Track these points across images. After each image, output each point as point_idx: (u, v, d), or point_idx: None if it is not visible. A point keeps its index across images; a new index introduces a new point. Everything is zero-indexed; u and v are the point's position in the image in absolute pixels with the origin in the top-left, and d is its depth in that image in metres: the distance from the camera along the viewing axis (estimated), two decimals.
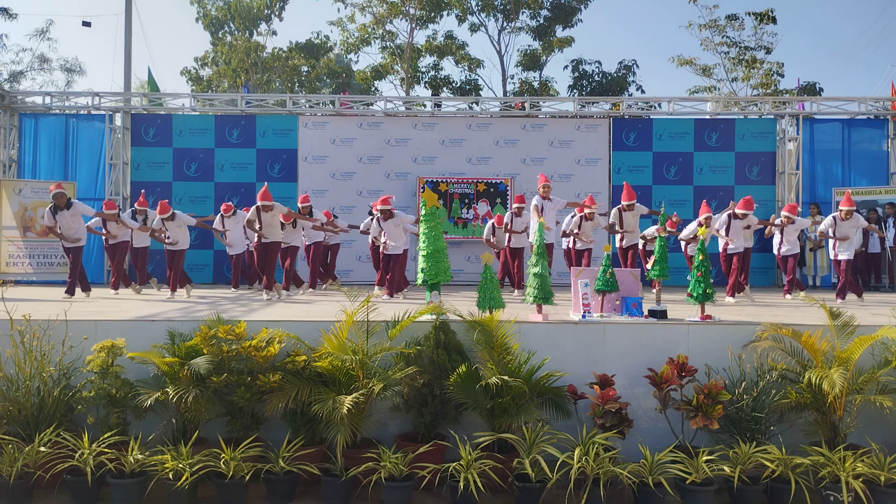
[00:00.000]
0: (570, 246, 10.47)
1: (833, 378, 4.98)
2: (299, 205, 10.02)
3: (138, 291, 9.94)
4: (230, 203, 10.81)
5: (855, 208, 9.51)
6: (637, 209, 10.31)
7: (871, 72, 52.67)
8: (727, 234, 9.35)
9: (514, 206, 10.25)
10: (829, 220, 9.46)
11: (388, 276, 9.36)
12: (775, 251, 10.10)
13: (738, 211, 9.32)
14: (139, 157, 13.24)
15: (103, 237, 9.85)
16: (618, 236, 10.30)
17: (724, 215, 9.57)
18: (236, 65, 24.03)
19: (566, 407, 5.45)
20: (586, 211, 10.07)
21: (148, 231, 9.99)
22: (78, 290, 9.14)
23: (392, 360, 5.59)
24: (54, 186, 9.19)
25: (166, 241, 9.61)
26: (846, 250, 9.29)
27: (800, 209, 12.42)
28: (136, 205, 10.47)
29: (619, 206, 10.35)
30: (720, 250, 9.69)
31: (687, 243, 10.36)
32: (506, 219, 10.26)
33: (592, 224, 10.19)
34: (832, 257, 9.56)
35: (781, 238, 9.76)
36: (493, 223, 10.71)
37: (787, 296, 9.61)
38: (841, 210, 9.28)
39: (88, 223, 9.80)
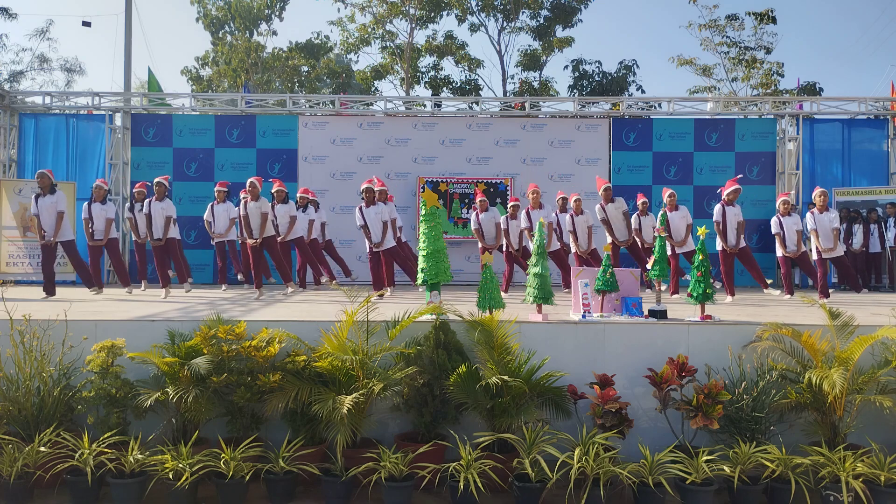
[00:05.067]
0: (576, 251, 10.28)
1: (833, 378, 4.97)
2: (273, 190, 9.83)
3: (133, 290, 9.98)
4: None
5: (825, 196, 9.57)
6: (619, 203, 10.25)
7: (871, 72, 52.81)
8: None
9: (510, 205, 10.25)
10: (808, 217, 9.48)
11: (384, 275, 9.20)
12: (778, 253, 10.11)
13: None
14: (139, 157, 13.24)
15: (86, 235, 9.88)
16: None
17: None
18: (236, 65, 24.06)
19: (566, 407, 5.44)
20: (572, 201, 10.15)
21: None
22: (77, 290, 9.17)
23: (392, 360, 5.58)
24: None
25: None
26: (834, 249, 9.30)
27: (799, 207, 12.45)
28: (134, 191, 10.60)
29: (601, 201, 10.27)
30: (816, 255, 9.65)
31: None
32: (503, 223, 10.24)
33: (586, 220, 10.16)
34: (818, 255, 9.43)
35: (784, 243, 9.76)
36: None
37: (785, 295, 9.62)
38: (815, 199, 9.40)
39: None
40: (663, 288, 6.94)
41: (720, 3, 42.62)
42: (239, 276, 11.30)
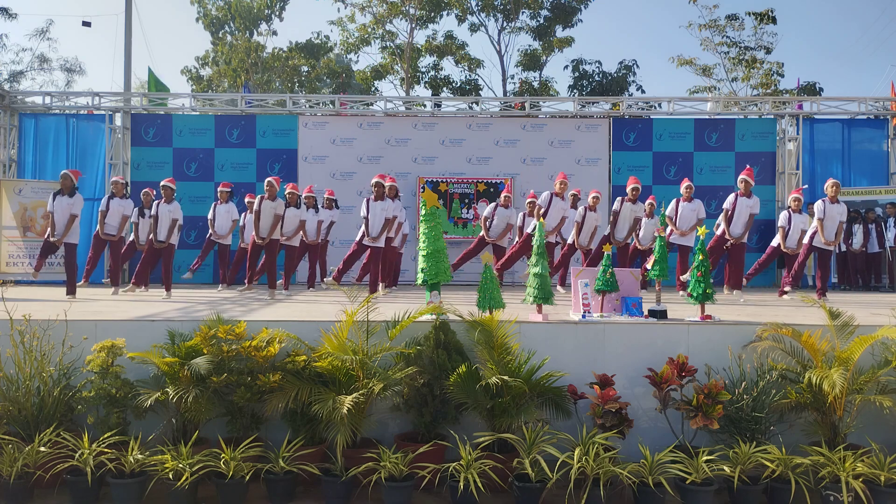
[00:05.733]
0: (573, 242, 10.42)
1: (833, 378, 4.97)
2: (286, 192, 9.86)
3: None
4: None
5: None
6: (638, 208, 10.32)
7: (871, 72, 52.83)
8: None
9: (528, 201, 10.41)
10: (818, 204, 9.30)
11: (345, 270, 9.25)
12: (773, 244, 10.14)
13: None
14: (139, 157, 13.25)
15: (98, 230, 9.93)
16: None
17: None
18: (236, 65, 24.06)
19: (566, 407, 5.44)
20: (590, 198, 10.29)
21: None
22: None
23: (392, 360, 5.58)
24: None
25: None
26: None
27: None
28: (141, 196, 10.53)
29: (624, 196, 10.38)
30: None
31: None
32: (519, 219, 10.43)
33: (596, 218, 10.27)
34: (808, 241, 9.29)
35: (785, 238, 9.76)
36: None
37: (785, 295, 9.63)
38: (828, 189, 9.30)
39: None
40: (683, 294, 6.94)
41: (720, 3, 42.59)
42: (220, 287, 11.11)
